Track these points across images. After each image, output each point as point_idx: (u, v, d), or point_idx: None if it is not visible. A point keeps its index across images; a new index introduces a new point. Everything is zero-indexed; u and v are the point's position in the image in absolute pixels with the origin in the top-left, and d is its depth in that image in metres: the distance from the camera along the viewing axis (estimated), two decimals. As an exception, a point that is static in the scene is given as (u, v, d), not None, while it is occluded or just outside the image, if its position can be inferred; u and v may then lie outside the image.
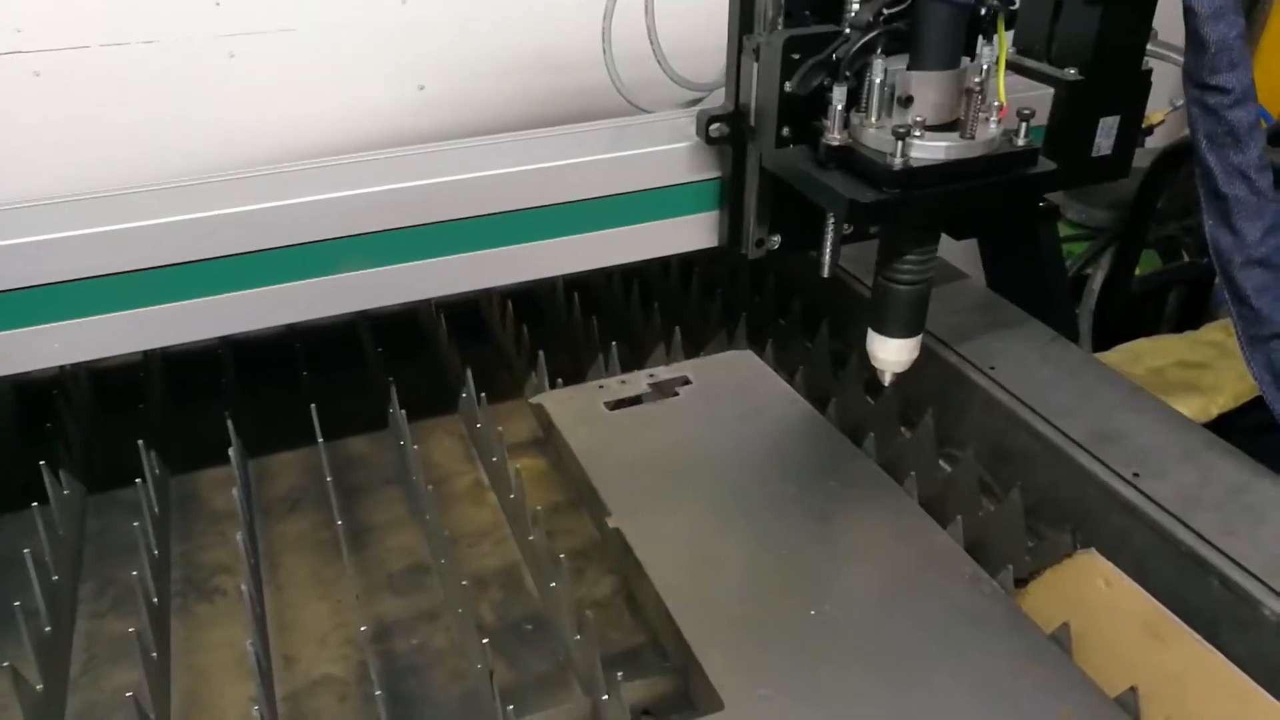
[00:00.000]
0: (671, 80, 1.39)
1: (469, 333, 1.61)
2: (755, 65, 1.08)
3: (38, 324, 1.05)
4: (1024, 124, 0.96)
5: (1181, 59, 2.34)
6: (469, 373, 1.38)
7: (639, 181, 1.22)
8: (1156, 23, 1.67)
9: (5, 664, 0.95)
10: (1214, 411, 1.68)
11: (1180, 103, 2.34)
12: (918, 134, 0.92)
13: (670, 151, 1.22)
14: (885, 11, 0.94)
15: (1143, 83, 1.39)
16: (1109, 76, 1.33)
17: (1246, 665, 0.92)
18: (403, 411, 1.31)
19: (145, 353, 1.51)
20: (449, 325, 1.55)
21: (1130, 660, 0.98)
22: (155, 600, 1.10)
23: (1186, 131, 2.60)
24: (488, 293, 1.65)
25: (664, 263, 1.69)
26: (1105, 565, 1.05)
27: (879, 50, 0.94)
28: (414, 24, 1.78)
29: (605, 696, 0.95)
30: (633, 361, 1.51)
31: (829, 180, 0.97)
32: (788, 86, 1.02)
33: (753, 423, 1.29)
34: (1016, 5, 0.93)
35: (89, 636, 1.15)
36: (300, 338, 1.53)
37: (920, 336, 1.08)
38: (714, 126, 1.15)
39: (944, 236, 1.60)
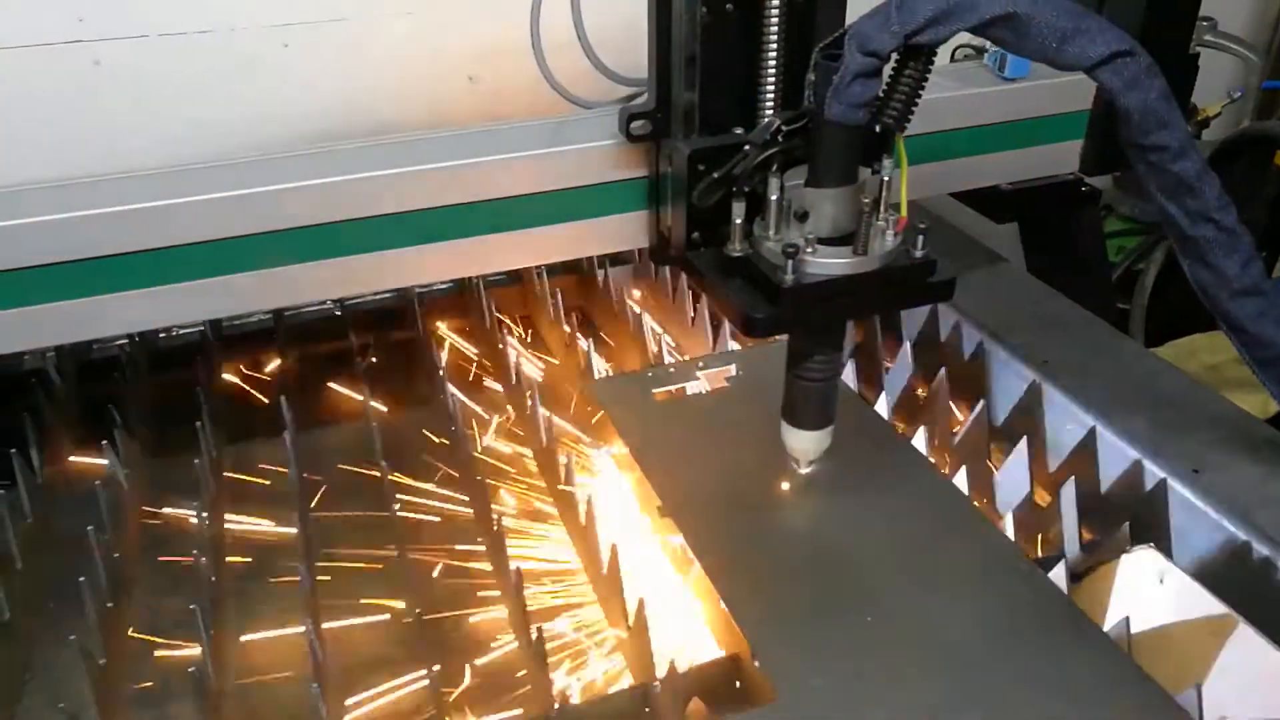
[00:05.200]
0: (602, 74, 1.33)
1: (516, 316, 1.62)
2: (669, 169, 1.08)
3: (105, 294, 1.06)
4: (920, 236, 0.95)
5: (1240, 49, 2.29)
6: (518, 356, 1.39)
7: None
8: (1216, 12, 1.64)
9: (71, 637, 0.97)
10: (1273, 408, 1.65)
11: (1238, 94, 2.30)
12: (809, 250, 0.92)
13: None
14: (784, 128, 0.93)
15: (1190, 67, 1.37)
16: (1155, 61, 1.31)
17: (1310, 665, 0.90)
18: (456, 396, 1.32)
19: (201, 333, 1.54)
20: (497, 308, 1.56)
21: (1189, 657, 0.96)
22: (213, 579, 1.12)
23: (1244, 123, 2.54)
24: (538, 276, 1.66)
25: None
26: (1163, 561, 1.04)
27: (774, 167, 0.93)
28: (464, 14, 1.79)
29: (657, 684, 0.95)
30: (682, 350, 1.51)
31: (728, 290, 0.97)
32: (692, 198, 1.02)
33: (802, 413, 1.28)
34: (910, 123, 0.91)
35: (149, 612, 1.17)
36: (351, 317, 1.55)
37: (831, 426, 1.08)
38: (636, 124, 1.10)
39: (984, 219, 1.59)
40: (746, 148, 0.96)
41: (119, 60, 1.67)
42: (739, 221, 0.97)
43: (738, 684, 1.00)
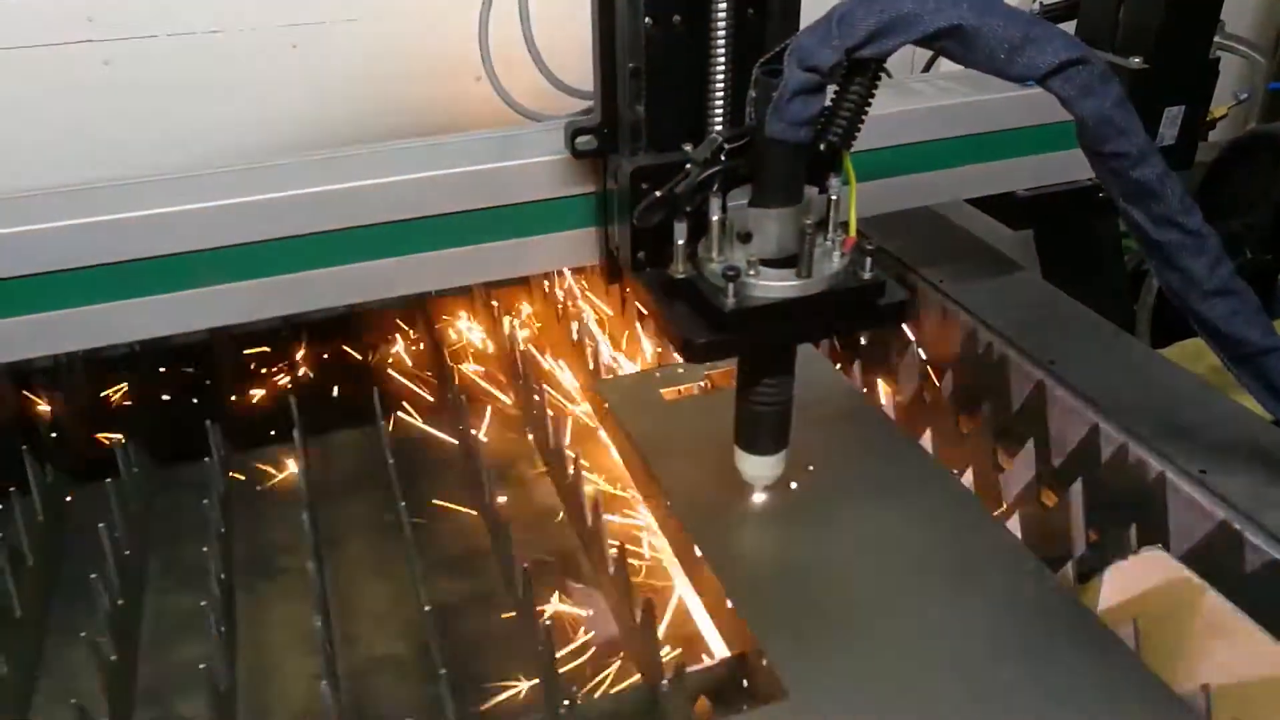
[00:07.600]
0: (555, 87, 1.28)
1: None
2: (614, 187, 1.05)
3: (116, 301, 1.06)
4: (868, 257, 0.92)
5: (1250, 51, 2.28)
6: (523, 360, 1.39)
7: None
8: (1223, 14, 1.64)
9: (82, 634, 0.98)
10: (1279, 409, 1.65)
11: (1244, 96, 2.30)
12: (752, 273, 0.89)
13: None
14: (726, 146, 0.90)
15: (1209, 72, 1.37)
16: (1174, 65, 1.31)
17: (1318, 666, 0.90)
18: (462, 397, 1.33)
19: (210, 333, 1.54)
20: (502, 309, 1.56)
21: (1197, 658, 0.96)
22: (222, 576, 1.13)
23: (1252, 124, 2.53)
24: (543, 277, 1.66)
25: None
26: (1171, 562, 1.04)
27: (715, 187, 0.91)
28: (472, 14, 1.79)
29: (665, 683, 0.96)
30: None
31: (671, 313, 0.94)
32: (633, 218, 0.98)
33: (809, 413, 1.28)
34: (856, 140, 0.87)
35: (158, 610, 1.18)
36: (362, 318, 1.56)
37: (786, 450, 1.06)
38: (581, 139, 1.05)
39: (999, 226, 1.59)
40: (688, 166, 0.92)
41: (129, 60, 1.68)
42: (681, 242, 0.94)
43: (745, 682, 1.00)
